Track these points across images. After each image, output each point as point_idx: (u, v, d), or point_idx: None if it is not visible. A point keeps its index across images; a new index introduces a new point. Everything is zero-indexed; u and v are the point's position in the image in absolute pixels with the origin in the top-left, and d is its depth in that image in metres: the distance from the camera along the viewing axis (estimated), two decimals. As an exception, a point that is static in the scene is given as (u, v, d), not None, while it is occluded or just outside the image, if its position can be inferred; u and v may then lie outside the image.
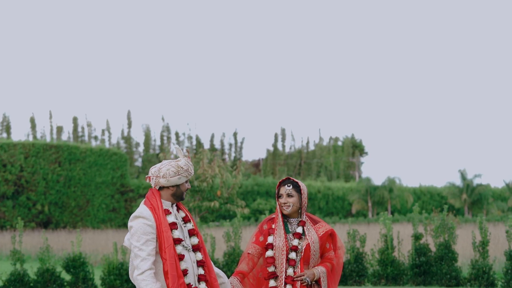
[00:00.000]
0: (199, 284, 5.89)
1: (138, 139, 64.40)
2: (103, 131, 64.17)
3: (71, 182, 44.76)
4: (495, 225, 31.47)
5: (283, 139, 70.19)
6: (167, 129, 65.06)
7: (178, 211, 6.02)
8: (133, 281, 5.82)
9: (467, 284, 16.44)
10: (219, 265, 17.25)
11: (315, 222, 6.42)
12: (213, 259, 17.20)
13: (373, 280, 17.28)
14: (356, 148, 72.11)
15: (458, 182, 55.77)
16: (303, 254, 6.25)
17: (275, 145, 69.51)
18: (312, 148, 71.71)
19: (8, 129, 61.80)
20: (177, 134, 65.18)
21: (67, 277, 18.80)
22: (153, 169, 5.91)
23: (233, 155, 67.62)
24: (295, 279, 6.22)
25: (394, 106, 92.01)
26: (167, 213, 5.86)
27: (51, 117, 63.37)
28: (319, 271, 6.28)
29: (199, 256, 5.94)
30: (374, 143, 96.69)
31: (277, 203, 6.38)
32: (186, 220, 6.01)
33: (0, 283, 16.97)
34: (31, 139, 60.62)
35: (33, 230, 39.40)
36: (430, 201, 59.00)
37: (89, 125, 63.96)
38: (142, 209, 5.83)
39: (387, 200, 54.05)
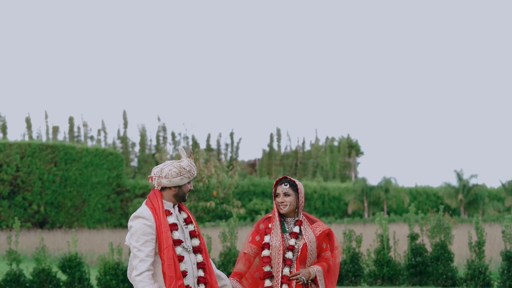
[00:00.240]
0: (199, 286, 5.86)
1: (134, 139, 64.34)
2: (99, 131, 64.07)
3: (67, 182, 44.71)
4: (491, 225, 31.47)
5: (279, 139, 70.15)
6: (163, 129, 64.98)
7: (180, 212, 5.98)
8: (131, 281, 5.79)
9: (463, 284, 16.44)
10: (215, 265, 17.22)
11: (312, 221, 6.39)
12: (209, 259, 17.15)
13: (369, 280, 17.28)
14: (352, 148, 72.09)
15: (454, 182, 55.81)
16: (299, 253, 6.23)
17: (270, 145, 69.48)
18: (308, 148, 71.69)
19: (4, 129, 61.69)
20: (173, 134, 65.12)
21: (63, 277, 18.78)
22: (156, 170, 5.89)
23: (229, 155, 67.60)
24: (290, 278, 6.19)
25: (390, 106, 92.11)
26: (168, 213, 5.82)
27: (47, 117, 63.28)
28: (315, 270, 6.25)
29: (200, 258, 5.90)
30: (370, 143, 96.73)
31: (274, 202, 6.34)
32: (187, 221, 5.97)
33: (-4, 283, 16.96)
34: (27, 139, 60.53)
35: (29, 230, 39.36)
36: (426, 201, 58.99)
37: (85, 125, 63.86)
38: (142, 209, 5.80)
39: (383, 200, 54.03)
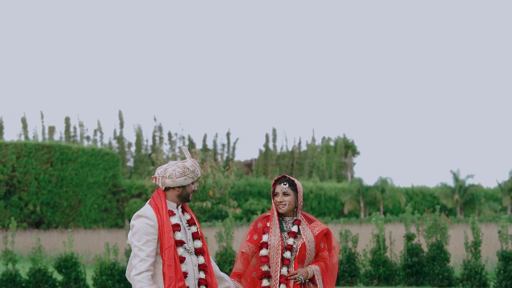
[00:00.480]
0: (199, 287, 5.84)
1: (130, 139, 64.23)
2: (95, 131, 63.96)
3: (63, 182, 44.65)
4: (487, 226, 31.52)
5: (274, 139, 70.12)
6: (159, 129, 64.89)
7: (183, 213, 5.95)
8: (129, 280, 5.77)
9: (459, 284, 16.45)
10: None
11: (310, 221, 6.37)
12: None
13: (365, 280, 17.28)
14: (348, 148, 72.07)
15: (450, 182, 55.82)
16: (298, 253, 6.21)
17: (266, 145, 69.46)
18: (304, 148, 71.66)
19: (0, 129, 61.64)
20: (169, 134, 65.02)
21: (59, 277, 18.75)
22: (160, 170, 5.87)
23: (226, 155, 67.56)
24: (288, 278, 6.18)
25: (386, 106, 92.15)
26: (171, 214, 5.80)
27: (42, 117, 63.19)
28: (313, 269, 6.24)
29: (201, 259, 5.87)
30: (366, 144, 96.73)
31: (273, 201, 6.30)
32: (190, 222, 5.94)
33: (-9, 284, 16.94)
34: (23, 139, 60.45)
35: (25, 230, 39.28)
36: (422, 201, 59.01)
37: (81, 125, 63.75)
38: (146, 208, 5.78)
39: (379, 200, 54.04)
